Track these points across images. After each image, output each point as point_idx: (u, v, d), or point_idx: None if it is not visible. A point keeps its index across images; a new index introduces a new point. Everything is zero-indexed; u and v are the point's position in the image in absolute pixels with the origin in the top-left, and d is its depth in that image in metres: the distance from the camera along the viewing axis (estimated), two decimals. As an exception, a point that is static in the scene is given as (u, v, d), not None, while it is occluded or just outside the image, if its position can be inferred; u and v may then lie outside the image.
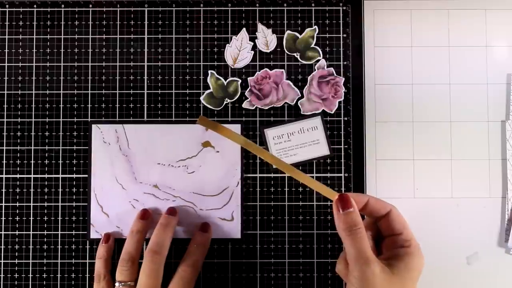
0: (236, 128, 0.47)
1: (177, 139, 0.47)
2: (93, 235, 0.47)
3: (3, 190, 0.47)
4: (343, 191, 0.47)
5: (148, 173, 0.47)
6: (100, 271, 0.44)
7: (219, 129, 0.45)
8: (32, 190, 0.47)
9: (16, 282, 0.47)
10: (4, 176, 0.47)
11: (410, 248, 0.36)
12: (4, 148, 0.47)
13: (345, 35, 0.48)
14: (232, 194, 0.47)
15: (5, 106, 0.48)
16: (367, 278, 0.33)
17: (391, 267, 0.35)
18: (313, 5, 0.48)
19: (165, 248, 0.43)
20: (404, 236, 0.37)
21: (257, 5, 0.49)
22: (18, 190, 0.47)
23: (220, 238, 0.47)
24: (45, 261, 0.47)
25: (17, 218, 0.47)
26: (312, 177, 0.47)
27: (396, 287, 0.34)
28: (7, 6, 0.48)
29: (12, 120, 0.48)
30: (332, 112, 0.48)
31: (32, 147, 0.47)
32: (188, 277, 0.43)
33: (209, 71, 0.48)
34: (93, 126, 0.47)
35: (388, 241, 0.37)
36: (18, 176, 0.47)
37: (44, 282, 0.47)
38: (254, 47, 0.48)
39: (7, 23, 0.48)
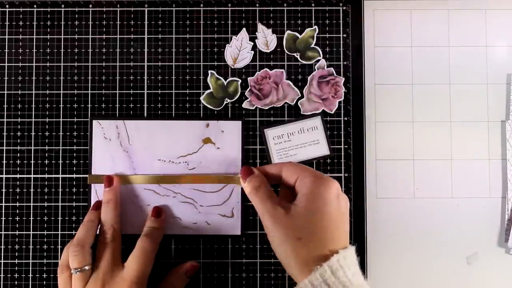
0: (237, 125, 0.47)
1: (177, 135, 0.47)
2: (93, 234, 0.47)
3: (3, 190, 0.47)
4: (343, 191, 0.47)
5: (149, 169, 0.47)
6: (65, 262, 0.43)
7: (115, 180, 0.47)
8: (32, 190, 0.47)
9: (16, 282, 0.47)
10: (4, 176, 0.47)
11: (305, 184, 0.39)
12: (4, 148, 0.47)
13: (345, 35, 0.48)
14: (233, 190, 0.47)
15: (5, 106, 0.48)
16: (276, 221, 0.38)
17: (297, 205, 0.38)
18: (313, 5, 0.48)
19: (111, 224, 0.44)
20: (300, 178, 0.40)
21: (257, 5, 0.49)
22: (18, 190, 0.47)
23: (220, 235, 0.47)
24: (45, 261, 0.47)
25: (17, 218, 0.47)
26: None
27: (306, 218, 0.37)
28: (7, 6, 0.48)
29: (12, 120, 0.48)
30: (332, 112, 0.48)
31: (32, 147, 0.47)
32: (147, 248, 0.43)
33: (209, 71, 0.48)
34: (94, 121, 0.47)
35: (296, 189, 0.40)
36: (18, 176, 0.47)
37: (44, 282, 0.47)
38: (254, 47, 0.48)
39: (7, 23, 0.48)
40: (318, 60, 0.48)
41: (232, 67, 0.48)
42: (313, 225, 0.37)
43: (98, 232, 0.44)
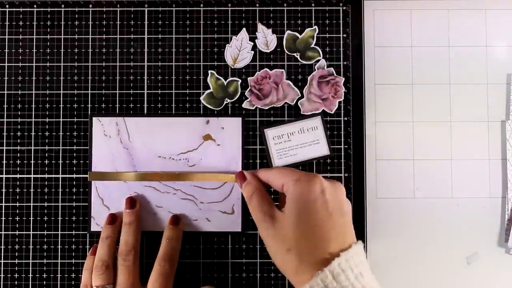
0: (237, 122, 0.47)
1: (178, 132, 0.47)
2: (94, 228, 0.47)
3: (3, 190, 0.47)
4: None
5: (149, 166, 0.47)
6: (87, 281, 0.44)
7: (112, 176, 0.47)
8: (32, 190, 0.47)
9: (16, 282, 0.47)
10: (4, 176, 0.47)
11: (289, 189, 0.37)
12: (4, 148, 0.47)
13: (345, 35, 0.48)
14: (233, 187, 0.47)
15: (5, 106, 0.48)
16: (265, 233, 0.37)
17: (284, 213, 0.37)
18: (313, 5, 0.48)
19: (134, 246, 0.44)
20: (285, 184, 0.38)
21: (257, 5, 0.49)
22: (18, 190, 0.47)
23: (221, 231, 0.47)
24: (45, 261, 0.47)
25: (17, 218, 0.47)
26: None
27: (292, 227, 0.36)
28: (7, 6, 0.48)
29: (12, 120, 0.48)
30: (332, 112, 0.48)
31: (32, 147, 0.47)
32: (166, 272, 0.43)
33: (209, 71, 0.48)
34: (94, 119, 0.47)
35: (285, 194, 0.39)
36: (18, 176, 0.47)
37: (44, 282, 0.47)
38: (254, 47, 0.48)
39: (7, 23, 0.48)
40: (318, 60, 0.48)
41: (232, 67, 0.48)
42: (300, 233, 0.35)
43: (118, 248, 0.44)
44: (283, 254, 0.35)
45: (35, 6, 0.48)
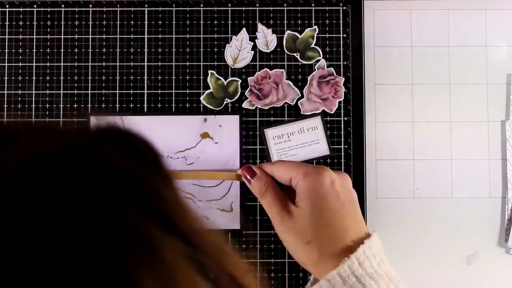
0: (235, 119, 0.47)
1: (175, 130, 0.47)
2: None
3: (3, 190, 0.47)
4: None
5: None
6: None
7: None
8: (32, 190, 0.47)
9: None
10: (4, 176, 0.47)
11: (299, 184, 0.37)
12: (4, 148, 0.47)
13: (345, 35, 0.48)
14: (231, 185, 0.47)
15: (5, 106, 0.48)
16: (283, 228, 0.37)
17: (298, 207, 0.37)
18: (313, 5, 0.49)
19: None
20: (293, 178, 0.38)
21: (257, 5, 0.49)
22: (18, 190, 0.47)
23: (220, 229, 0.47)
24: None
25: (17, 218, 0.47)
26: None
27: (309, 221, 0.36)
28: (7, 6, 0.48)
29: (12, 120, 0.48)
30: (332, 112, 0.48)
31: (32, 147, 0.47)
32: None
33: (209, 71, 0.48)
34: (92, 118, 0.47)
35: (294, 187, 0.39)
36: (18, 176, 0.47)
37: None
38: (254, 47, 0.48)
39: (7, 23, 0.48)
40: (318, 60, 0.48)
41: (232, 67, 0.48)
42: (318, 225, 0.36)
43: None
44: (303, 247, 0.36)
45: (35, 6, 0.48)
